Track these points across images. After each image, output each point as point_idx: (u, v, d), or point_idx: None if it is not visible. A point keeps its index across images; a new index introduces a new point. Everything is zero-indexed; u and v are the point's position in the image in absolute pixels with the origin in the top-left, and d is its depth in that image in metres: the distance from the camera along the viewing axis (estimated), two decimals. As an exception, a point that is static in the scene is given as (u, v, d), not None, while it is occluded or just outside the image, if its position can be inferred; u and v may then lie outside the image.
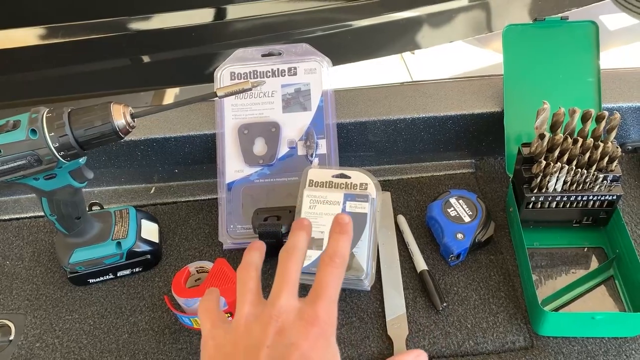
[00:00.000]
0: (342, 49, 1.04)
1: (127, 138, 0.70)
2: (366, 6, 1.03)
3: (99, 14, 0.92)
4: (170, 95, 1.10)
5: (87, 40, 0.92)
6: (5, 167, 0.53)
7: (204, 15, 0.96)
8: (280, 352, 0.39)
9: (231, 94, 0.55)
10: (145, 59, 1.01)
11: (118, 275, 0.68)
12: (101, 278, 0.68)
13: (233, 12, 0.97)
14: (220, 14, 0.96)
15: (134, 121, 0.54)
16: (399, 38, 1.10)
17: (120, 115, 0.53)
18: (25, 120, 0.53)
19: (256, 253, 0.47)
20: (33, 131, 0.52)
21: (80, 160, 0.58)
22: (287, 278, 0.43)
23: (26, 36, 0.92)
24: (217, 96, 0.55)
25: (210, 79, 0.75)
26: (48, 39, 0.92)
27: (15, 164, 0.53)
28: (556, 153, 0.62)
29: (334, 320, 0.42)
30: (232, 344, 0.42)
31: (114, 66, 1.00)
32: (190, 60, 1.00)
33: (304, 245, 0.45)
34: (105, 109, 0.53)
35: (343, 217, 0.46)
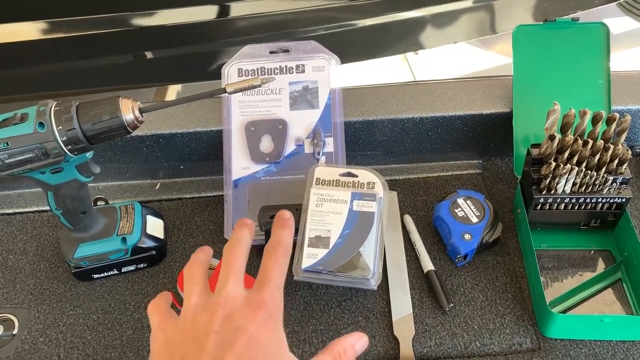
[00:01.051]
0: (346, 48, 1.04)
1: (133, 133, 0.69)
2: (371, 5, 1.02)
3: (103, 9, 0.91)
4: (172, 92, 1.10)
5: (90, 35, 0.92)
6: (12, 160, 0.52)
7: (208, 12, 0.95)
8: (228, 336, 0.40)
9: (240, 90, 0.55)
10: (149, 55, 1.00)
11: (122, 270, 0.68)
12: (105, 273, 0.67)
13: (237, 9, 0.96)
14: (224, 11, 0.96)
15: (142, 116, 0.54)
16: (403, 38, 1.09)
17: (128, 109, 0.53)
18: (33, 113, 0.52)
19: (202, 254, 0.49)
20: (41, 124, 0.51)
21: (87, 155, 0.57)
22: (233, 267, 0.44)
23: (30, 30, 0.92)
24: (226, 92, 0.54)
25: (213, 76, 0.74)
26: (52, 33, 0.92)
27: (23, 157, 0.52)
28: (566, 154, 0.62)
29: (280, 305, 0.43)
30: (180, 333, 0.42)
31: (118, 62, 0.99)
32: (194, 57, 1.00)
33: (247, 239, 0.47)
34: (113, 103, 0.52)
35: (284, 213, 0.50)
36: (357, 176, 0.66)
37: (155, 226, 0.70)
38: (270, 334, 0.41)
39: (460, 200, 0.68)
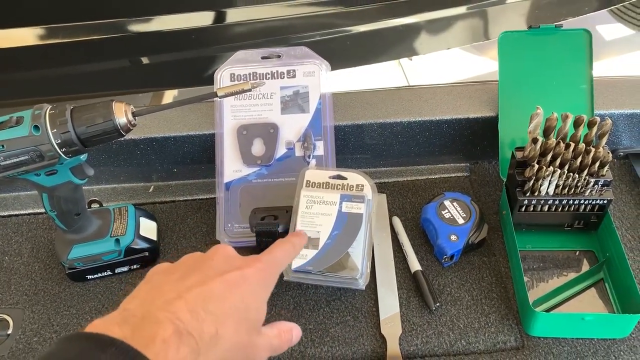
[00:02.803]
0: (340, 54, 1.05)
1: (127, 137, 0.70)
2: (365, 12, 1.04)
3: (99, 15, 0.92)
4: (169, 97, 1.11)
5: (87, 41, 0.93)
6: (7, 162, 0.54)
7: (203, 18, 0.97)
8: (223, 267, 0.43)
9: (231, 94, 0.56)
10: (145, 60, 1.02)
11: (116, 271, 0.69)
12: (99, 274, 0.68)
13: (233, 15, 0.98)
14: (220, 17, 0.97)
15: (135, 119, 0.55)
16: (397, 44, 1.11)
17: (122, 113, 0.54)
18: (29, 117, 0.53)
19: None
20: (36, 127, 0.53)
21: (81, 157, 0.58)
22: (264, 254, 0.48)
23: (27, 36, 0.93)
24: (217, 96, 0.56)
25: (209, 81, 0.75)
26: (48, 39, 0.93)
27: (18, 159, 0.54)
28: (549, 157, 0.64)
29: (275, 268, 0.47)
30: (176, 265, 0.45)
31: (114, 67, 1.00)
32: (190, 62, 1.01)
33: (298, 243, 0.54)
34: (107, 106, 0.54)
35: (300, 232, 0.59)
36: (346, 179, 0.68)
37: (149, 228, 0.71)
38: (262, 282, 0.44)
39: (447, 202, 0.70)
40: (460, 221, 0.68)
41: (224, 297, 0.41)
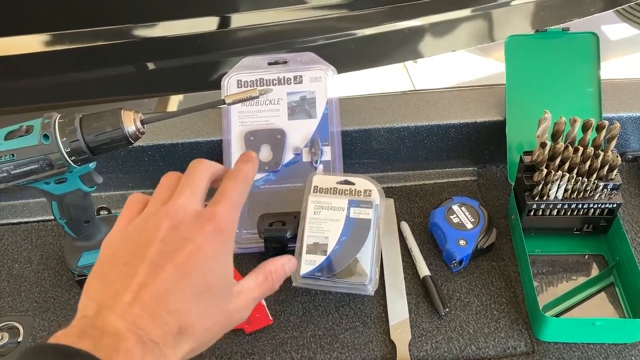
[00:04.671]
0: (345, 57, 1.05)
1: (135, 144, 0.71)
2: (369, 15, 1.04)
3: (105, 21, 0.93)
4: (174, 102, 1.11)
5: (93, 47, 0.94)
6: (18, 171, 0.54)
7: (209, 24, 0.97)
8: (172, 245, 0.39)
9: (239, 101, 0.56)
10: (151, 66, 1.02)
11: (125, 278, 0.69)
12: (108, 281, 0.68)
13: (238, 20, 0.98)
14: (225, 23, 0.98)
15: (143, 127, 0.55)
16: (402, 47, 1.11)
17: (130, 121, 0.54)
18: (38, 126, 0.54)
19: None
20: (45, 136, 0.53)
21: (90, 165, 0.59)
22: (191, 182, 0.43)
23: (33, 43, 0.93)
24: (225, 103, 0.56)
25: (214, 86, 0.76)
26: (55, 45, 0.93)
27: (28, 168, 0.54)
28: (557, 161, 0.63)
29: (233, 224, 0.42)
30: (128, 241, 0.41)
31: (120, 73, 1.01)
32: (196, 67, 1.01)
33: (219, 165, 0.46)
34: (116, 115, 0.54)
35: (250, 152, 0.48)
36: (354, 184, 0.68)
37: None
38: (218, 248, 0.40)
39: (455, 207, 0.70)
40: (469, 226, 0.68)
41: (181, 287, 0.38)
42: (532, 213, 0.67)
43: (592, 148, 0.63)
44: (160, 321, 0.37)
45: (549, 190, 0.64)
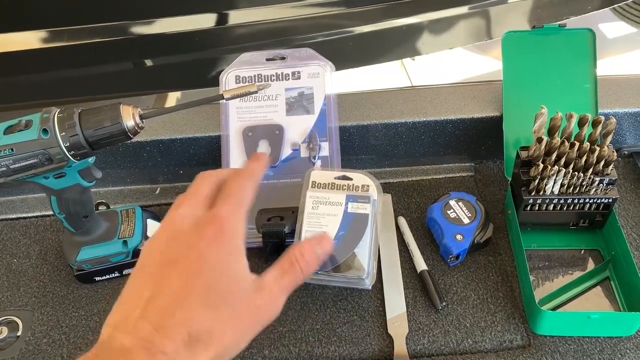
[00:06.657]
0: (343, 54, 1.06)
1: (134, 139, 0.70)
2: (367, 13, 1.04)
3: (103, 18, 0.93)
4: (172, 98, 1.12)
5: (91, 43, 0.94)
6: (17, 165, 0.54)
7: (207, 21, 0.97)
8: (173, 255, 0.39)
9: (237, 96, 0.57)
10: (149, 62, 1.02)
11: (124, 273, 0.69)
12: (107, 276, 0.69)
13: (236, 17, 0.98)
14: (222, 19, 0.98)
15: (142, 122, 0.56)
16: (400, 44, 1.11)
17: (129, 116, 0.54)
18: (37, 120, 0.54)
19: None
20: (45, 131, 0.53)
21: (89, 160, 0.59)
22: (190, 191, 0.43)
23: (32, 40, 0.93)
24: (223, 98, 0.56)
25: (212, 83, 0.76)
26: (53, 42, 0.93)
27: (27, 162, 0.54)
28: (553, 156, 0.64)
29: (238, 221, 0.41)
30: (136, 271, 0.41)
31: (118, 69, 1.01)
32: (193, 64, 1.02)
33: (226, 172, 0.46)
34: (115, 109, 0.54)
35: (261, 153, 0.48)
36: (351, 179, 0.68)
37: (156, 229, 0.71)
38: (222, 249, 0.40)
39: (452, 202, 0.70)
40: (466, 221, 0.68)
41: (187, 295, 0.38)
42: (528, 208, 0.67)
43: (588, 143, 0.63)
44: (168, 332, 0.36)
45: (545, 185, 0.65)
